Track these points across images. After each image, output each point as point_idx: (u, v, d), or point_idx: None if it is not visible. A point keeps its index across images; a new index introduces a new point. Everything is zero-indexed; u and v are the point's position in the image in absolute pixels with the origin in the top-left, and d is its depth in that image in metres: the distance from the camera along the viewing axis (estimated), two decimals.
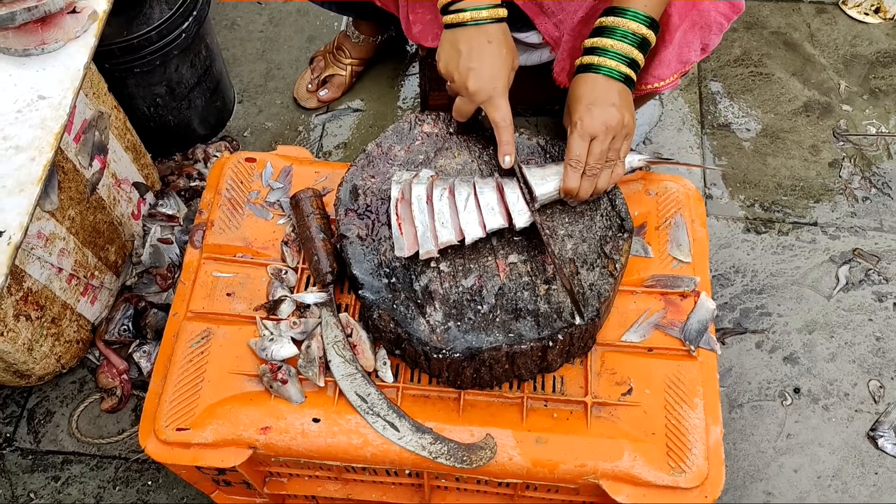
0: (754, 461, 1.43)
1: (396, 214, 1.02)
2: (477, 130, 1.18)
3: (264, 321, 1.11)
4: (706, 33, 1.19)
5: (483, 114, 1.10)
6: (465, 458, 1.02)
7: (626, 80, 1.06)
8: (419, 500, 1.21)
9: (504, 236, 1.08)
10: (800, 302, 1.61)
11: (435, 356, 1.00)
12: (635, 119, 1.06)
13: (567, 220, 1.10)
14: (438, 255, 1.04)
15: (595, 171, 1.04)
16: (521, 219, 1.03)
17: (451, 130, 1.18)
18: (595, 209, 1.11)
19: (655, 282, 1.16)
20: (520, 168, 1.07)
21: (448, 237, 1.01)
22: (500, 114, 1.06)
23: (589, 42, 1.07)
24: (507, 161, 1.06)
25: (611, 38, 1.05)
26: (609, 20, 1.06)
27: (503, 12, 1.08)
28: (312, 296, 1.12)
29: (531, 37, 1.41)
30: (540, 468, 1.03)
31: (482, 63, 1.05)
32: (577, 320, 1.01)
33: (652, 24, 1.06)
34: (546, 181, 1.06)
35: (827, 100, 1.91)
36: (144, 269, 1.58)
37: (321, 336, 1.09)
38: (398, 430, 1.04)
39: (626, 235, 1.09)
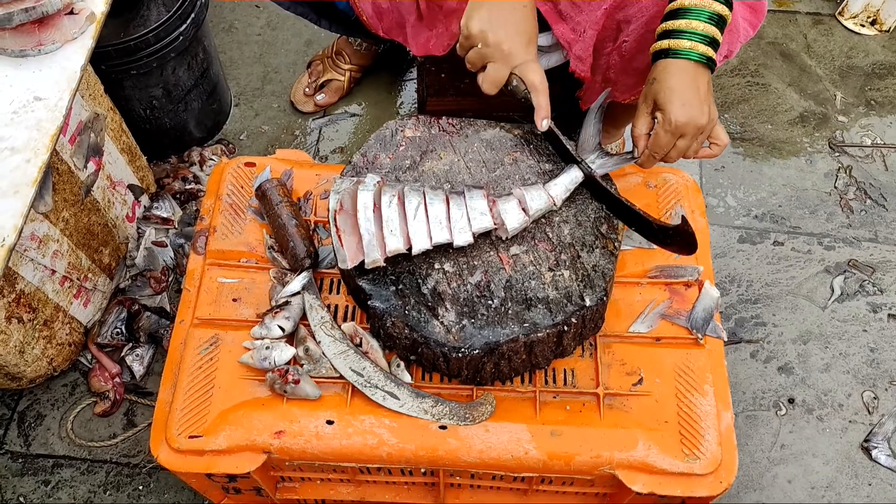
0: (748, 471, 1.43)
1: (336, 227, 1.00)
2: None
3: (252, 331, 1.10)
4: (734, 38, 1.19)
5: (511, 85, 1.07)
6: (467, 416, 1.03)
7: (709, 62, 1.04)
8: (433, 500, 1.21)
9: None
10: (795, 312, 1.61)
11: (454, 355, 1.00)
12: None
13: (560, 206, 1.10)
14: (441, 256, 1.03)
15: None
16: (461, 237, 1.02)
17: (433, 131, 1.18)
18: (585, 193, 1.12)
19: (659, 272, 1.17)
20: (555, 131, 1.08)
21: (396, 245, 0.99)
22: (539, 76, 1.05)
23: (671, 25, 1.03)
24: (544, 124, 1.07)
25: (696, 19, 1.02)
26: (688, 1, 1.02)
27: None
28: (298, 280, 1.12)
29: (540, 39, 1.41)
30: (556, 461, 1.03)
31: (518, 27, 1.03)
32: (588, 301, 1.01)
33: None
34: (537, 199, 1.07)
35: (823, 110, 1.91)
36: (138, 272, 1.57)
37: (309, 323, 1.09)
38: (398, 399, 1.04)
39: None
